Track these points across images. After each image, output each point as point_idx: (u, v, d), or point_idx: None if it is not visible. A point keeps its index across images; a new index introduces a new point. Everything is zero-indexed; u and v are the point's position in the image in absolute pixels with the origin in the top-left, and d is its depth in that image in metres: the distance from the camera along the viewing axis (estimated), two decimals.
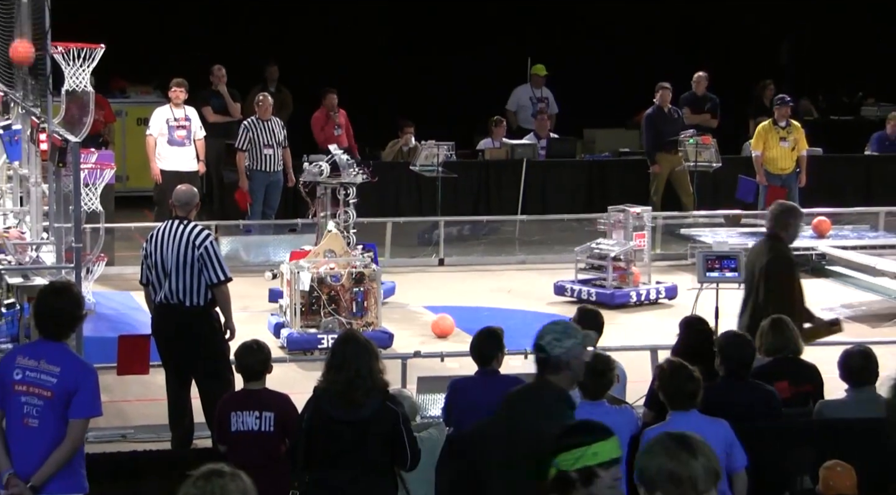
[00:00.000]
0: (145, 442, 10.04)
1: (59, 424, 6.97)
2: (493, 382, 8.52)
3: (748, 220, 17.77)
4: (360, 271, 12.94)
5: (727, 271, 11.59)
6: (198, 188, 16.75)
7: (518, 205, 18.81)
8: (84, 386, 6.99)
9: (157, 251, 9.91)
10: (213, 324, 9.89)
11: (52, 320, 7.11)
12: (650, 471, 4.51)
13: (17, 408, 7.02)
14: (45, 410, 6.96)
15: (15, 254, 11.28)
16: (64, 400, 6.96)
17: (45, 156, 10.91)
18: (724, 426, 7.46)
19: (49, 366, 6.99)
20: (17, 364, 7.06)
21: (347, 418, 6.95)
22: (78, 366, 7.07)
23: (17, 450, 7.03)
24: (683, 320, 9.04)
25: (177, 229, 9.92)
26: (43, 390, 6.97)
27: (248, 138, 16.77)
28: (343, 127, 19.24)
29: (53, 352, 7.05)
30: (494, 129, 19.69)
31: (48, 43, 10.76)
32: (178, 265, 9.79)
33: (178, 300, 9.82)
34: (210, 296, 9.84)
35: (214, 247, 9.93)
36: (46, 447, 6.96)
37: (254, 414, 7.61)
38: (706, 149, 18.40)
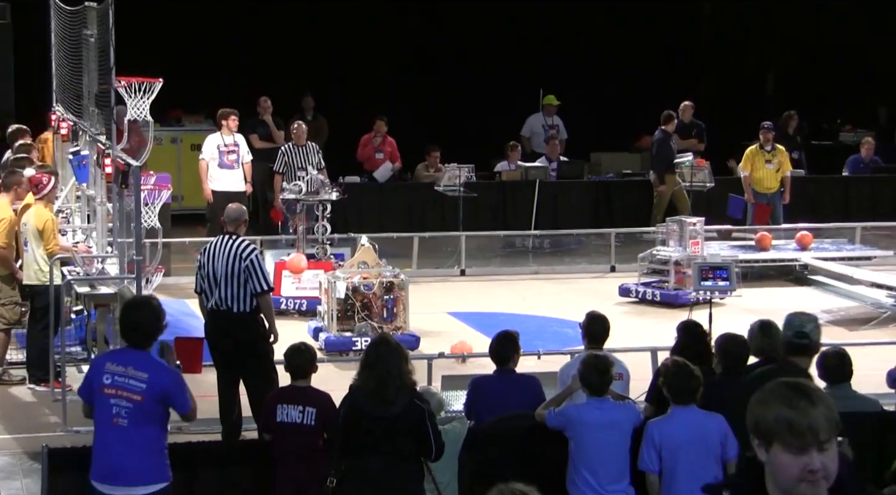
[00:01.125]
0: (198, 433, 10.02)
1: (146, 423, 7.07)
2: (509, 380, 8.54)
3: (738, 234, 17.73)
4: (391, 280, 12.93)
5: (719, 280, 11.57)
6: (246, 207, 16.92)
7: (532, 221, 18.77)
8: (175, 391, 7.13)
9: (209, 263, 9.96)
10: (258, 329, 9.89)
11: (136, 331, 7.19)
12: (767, 422, 3.69)
13: (106, 409, 7.09)
14: (134, 411, 7.04)
15: (83, 266, 11.30)
16: (153, 403, 7.07)
17: (110, 179, 10.91)
18: (719, 419, 7.44)
19: (137, 372, 7.07)
20: (106, 369, 7.13)
21: (379, 413, 6.95)
22: (163, 372, 7.19)
23: (109, 446, 7.11)
24: (681, 324, 9.00)
25: (226, 243, 9.98)
26: (132, 394, 7.05)
27: (284, 162, 16.76)
28: (385, 152, 19.28)
29: (139, 359, 7.14)
30: (510, 153, 19.69)
31: (112, 78, 10.76)
32: (227, 275, 9.82)
33: (226, 307, 9.85)
34: (255, 304, 9.86)
35: (259, 259, 9.96)
36: (133, 442, 7.05)
37: (298, 408, 7.61)
38: (700, 170, 18.38)
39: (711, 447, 7.35)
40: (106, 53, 10.84)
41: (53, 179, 12.04)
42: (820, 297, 15.90)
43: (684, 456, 7.33)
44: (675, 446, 7.35)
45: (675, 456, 7.34)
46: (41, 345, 11.51)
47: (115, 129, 10.91)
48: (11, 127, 14.89)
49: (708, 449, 7.34)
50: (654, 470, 7.39)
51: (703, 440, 7.36)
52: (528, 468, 7.86)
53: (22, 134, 14.17)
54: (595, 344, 8.74)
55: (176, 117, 20.97)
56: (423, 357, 10.98)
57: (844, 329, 14.15)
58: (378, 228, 17.67)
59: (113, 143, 10.83)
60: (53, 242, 11.53)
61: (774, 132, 18.48)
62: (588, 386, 7.59)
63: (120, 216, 10.98)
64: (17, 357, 12.19)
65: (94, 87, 11.69)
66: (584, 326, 8.90)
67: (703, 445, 7.35)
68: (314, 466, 7.34)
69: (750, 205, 17.99)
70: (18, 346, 12.28)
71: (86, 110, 12.08)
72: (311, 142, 16.98)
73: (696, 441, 7.36)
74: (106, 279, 10.95)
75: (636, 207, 19.39)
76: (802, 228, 17.19)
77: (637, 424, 7.57)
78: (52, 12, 14.13)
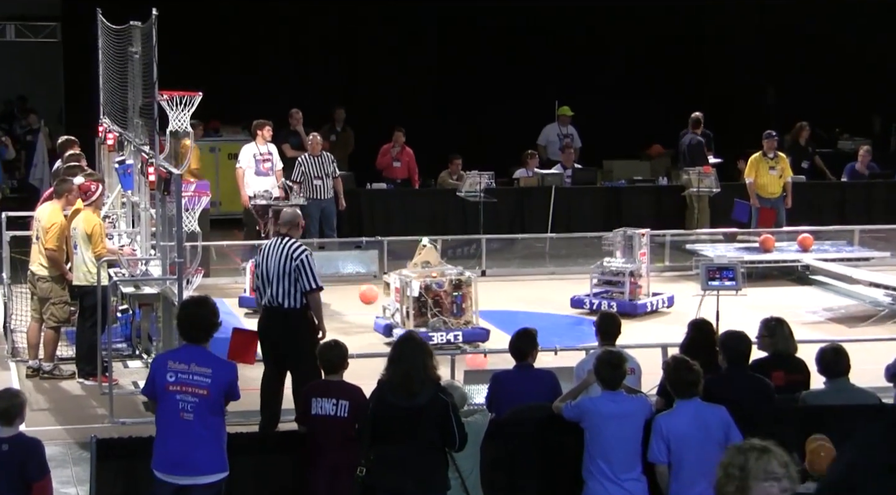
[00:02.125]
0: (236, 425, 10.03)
1: (211, 416, 7.14)
2: (528, 375, 8.53)
3: (743, 237, 17.69)
4: (458, 278, 12.95)
5: (726, 280, 11.53)
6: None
7: (548, 225, 18.75)
8: (236, 381, 7.28)
9: (263, 262, 10.04)
10: (307, 325, 9.94)
11: (195, 327, 7.27)
12: None
13: (172, 405, 7.14)
14: (200, 405, 7.11)
15: (128, 268, 11.34)
16: (218, 395, 7.15)
17: (153, 186, 10.96)
18: (722, 411, 7.44)
19: (200, 368, 7.14)
20: (169, 368, 7.18)
21: (405, 405, 6.96)
22: (226, 367, 7.31)
23: (175, 439, 7.15)
24: (691, 322, 8.99)
25: (280, 244, 10.06)
26: (198, 388, 7.11)
27: (301, 171, 16.76)
28: (402, 161, 19.28)
29: (200, 355, 7.21)
30: (529, 161, 19.67)
31: (156, 91, 10.80)
32: (279, 274, 9.88)
33: (278, 303, 9.90)
34: (305, 302, 9.90)
35: (309, 260, 9.99)
36: (200, 435, 7.11)
37: (331, 401, 7.58)
38: (707, 177, 18.35)
39: (714, 436, 7.34)
40: (149, 69, 10.88)
41: (101, 187, 12.09)
42: (821, 296, 15.84)
43: (689, 447, 7.32)
44: (680, 437, 7.34)
45: (681, 447, 7.34)
46: (90, 341, 11.55)
47: (157, 140, 10.96)
48: (61, 138, 14.94)
49: (711, 438, 7.33)
50: (663, 461, 7.38)
51: (705, 430, 7.35)
52: (546, 457, 7.87)
53: (71, 144, 14.21)
54: (608, 341, 8.75)
55: (214, 128, 21.01)
56: (447, 352, 10.98)
57: (844, 326, 14.10)
58: (403, 232, 17.71)
59: (156, 153, 10.87)
60: (101, 246, 11.57)
61: (777, 139, 18.44)
62: (602, 379, 7.58)
63: (162, 221, 11.02)
64: (67, 353, 12.23)
65: (138, 101, 11.75)
66: (598, 324, 8.92)
67: (706, 435, 7.33)
68: (347, 455, 7.34)
69: (754, 210, 17.96)
70: (68, 343, 12.33)
71: (131, 122, 12.13)
72: (325, 152, 16.96)
73: (700, 431, 7.35)
74: (149, 280, 10.99)
75: (645, 211, 19.38)
76: (804, 231, 17.12)
77: (648, 416, 7.56)
78: (99, 31, 14.18)
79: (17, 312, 12.93)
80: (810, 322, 14.19)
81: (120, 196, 13.23)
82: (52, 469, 7.59)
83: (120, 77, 12.58)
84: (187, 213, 11.64)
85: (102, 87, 14.44)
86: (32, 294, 12.18)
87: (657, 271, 17.30)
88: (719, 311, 11.13)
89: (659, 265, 17.59)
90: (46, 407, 11.12)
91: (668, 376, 7.57)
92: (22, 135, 22.89)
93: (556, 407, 7.81)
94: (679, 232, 18.23)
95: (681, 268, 17.29)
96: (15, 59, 24.81)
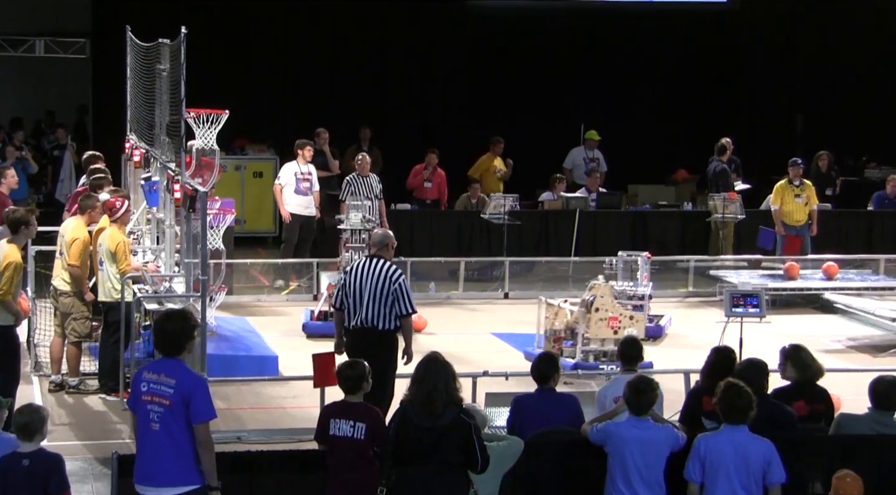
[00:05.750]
0: (257, 443, 10.08)
1: (176, 426, 7.05)
2: (550, 398, 8.52)
3: (767, 264, 17.63)
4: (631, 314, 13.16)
5: (750, 307, 11.49)
6: (315, 231, 17.04)
7: (572, 248, 18.75)
8: (196, 395, 7.08)
9: (355, 282, 10.00)
10: (395, 348, 9.99)
11: (166, 340, 7.23)
12: None
13: (144, 415, 7.14)
14: (165, 415, 7.06)
15: (152, 285, 11.38)
16: (180, 406, 7.05)
17: (178, 203, 10.99)
18: (768, 445, 7.42)
19: (167, 378, 7.10)
20: (143, 378, 7.19)
21: (427, 425, 6.97)
22: (189, 377, 7.17)
23: (146, 450, 7.15)
24: (714, 348, 8.96)
25: (374, 265, 10.04)
26: (163, 399, 7.07)
27: (349, 191, 16.77)
28: (434, 182, 19.33)
29: (170, 366, 7.17)
30: (556, 185, 19.66)
31: (183, 109, 10.86)
32: (374, 295, 9.90)
33: (371, 325, 9.91)
34: (397, 324, 9.93)
35: (406, 283, 10.04)
36: (165, 445, 7.06)
37: (349, 422, 7.54)
38: (732, 203, 18.32)
39: (753, 469, 7.31)
40: (177, 86, 10.94)
41: (126, 203, 12.15)
42: (845, 325, 15.76)
43: (723, 471, 7.31)
44: (717, 461, 7.33)
45: (716, 470, 7.33)
46: (113, 357, 11.60)
47: (184, 158, 11.01)
48: (86, 153, 15.04)
49: (749, 470, 7.30)
50: (696, 480, 7.38)
51: (745, 461, 7.32)
52: (568, 481, 7.87)
53: (95, 160, 14.30)
54: (630, 365, 8.75)
55: (240, 146, 21.11)
56: (468, 374, 10.95)
57: (868, 355, 14.04)
58: (427, 253, 17.75)
59: (182, 170, 10.92)
60: (126, 263, 11.63)
61: (803, 167, 18.41)
62: (628, 404, 7.59)
63: (187, 238, 11.05)
64: (90, 368, 12.28)
65: (165, 118, 11.79)
66: (620, 349, 8.91)
67: (745, 466, 7.30)
68: (364, 476, 7.35)
69: (780, 237, 17.92)
70: (91, 358, 12.38)
71: (157, 139, 12.18)
72: (373, 174, 16.96)
73: (738, 458, 7.32)
74: (173, 297, 11.00)
75: (670, 236, 19.36)
76: (829, 259, 17.06)
77: (674, 446, 7.55)
78: (128, 47, 14.28)
79: (41, 327, 12.99)
80: (833, 350, 14.12)
81: (145, 212, 13.28)
82: (73, 484, 7.62)
83: (147, 94, 12.65)
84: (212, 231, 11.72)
85: (130, 104, 14.52)
86: (55, 309, 12.25)
87: (680, 297, 17.30)
88: (743, 338, 11.09)
89: (682, 291, 17.58)
90: (68, 422, 11.17)
91: (718, 399, 7.52)
92: (50, 150, 23.05)
93: (583, 430, 7.84)
94: (703, 258, 18.21)
95: (704, 294, 17.24)
96: (44, 74, 25.02)
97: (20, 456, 7.19)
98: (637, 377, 7.87)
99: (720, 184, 18.92)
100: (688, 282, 17.67)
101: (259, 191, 20.33)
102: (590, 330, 12.82)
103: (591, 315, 12.79)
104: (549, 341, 12.97)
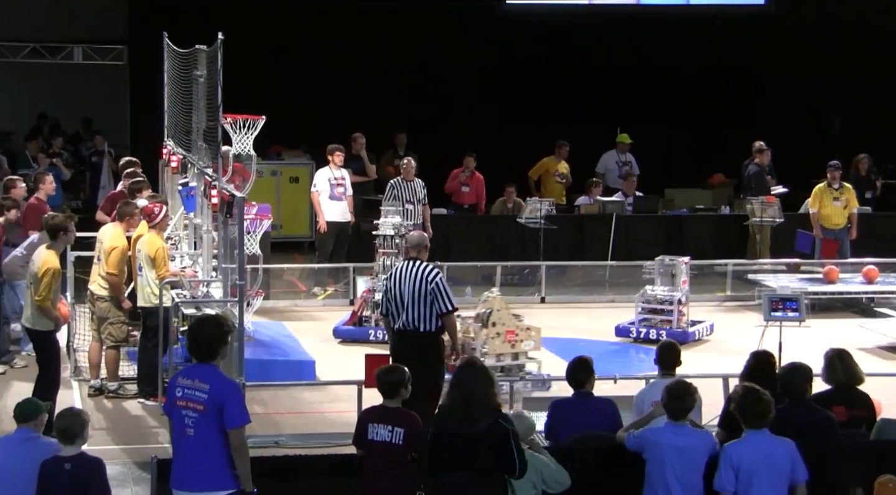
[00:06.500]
0: (294, 448, 10.09)
1: (211, 431, 7.08)
2: (587, 403, 8.51)
3: (806, 268, 17.53)
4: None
5: (789, 311, 11.43)
6: (350, 236, 17.05)
7: (608, 252, 18.70)
8: (230, 401, 7.11)
9: (395, 286, 10.08)
10: (439, 348, 10.03)
11: (199, 346, 7.25)
12: None
13: (180, 420, 7.18)
14: (199, 420, 7.09)
15: (190, 290, 11.44)
16: (214, 412, 7.07)
17: (216, 209, 11.03)
18: (790, 444, 7.39)
19: (201, 384, 7.12)
20: (178, 384, 7.22)
21: (464, 430, 6.97)
22: (223, 383, 7.19)
23: (181, 455, 7.19)
24: (752, 351, 8.92)
25: (411, 268, 10.11)
26: (197, 404, 7.10)
27: (393, 195, 16.74)
28: (472, 186, 19.32)
29: (204, 372, 7.18)
30: (592, 189, 19.64)
31: (220, 114, 10.91)
32: (414, 297, 9.95)
33: (413, 327, 9.96)
34: (440, 324, 9.96)
35: (443, 282, 10.07)
36: (199, 450, 7.09)
37: (387, 427, 7.55)
38: (770, 206, 18.22)
39: (781, 470, 7.30)
40: (214, 92, 10.99)
41: (164, 208, 12.22)
42: (884, 328, 15.59)
43: (758, 478, 7.28)
44: (750, 468, 7.29)
45: (749, 478, 7.30)
46: (151, 361, 11.66)
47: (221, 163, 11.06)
48: (123, 159, 15.15)
49: (778, 472, 7.28)
50: (730, 491, 7.33)
51: (772, 463, 7.30)
52: (605, 486, 7.84)
53: (132, 165, 14.40)
54: (668, 370, 8.71)
55: (276, 152, 21.18)
56: (506, 380, 10.96)
57: None
58: (463, 257, 17.74)
59: (219, 176, 10.97)
60: (164, 268, 11.69)
61: (842, 170, 18.30)
62: (666, 409, 7.56)
63: (224, 243, 11.10)
64: (129, 373, 12.35)
65: (202, 124, 11.86)
66: (658, 354, 8.87)
67: (773, 468, 7.29)
68: (401, 482, 7.36)
69: (818, 241, 17.82)
70: (129, 362, 12.46)
71: (194, 145, 12.24)
72: (418, 179, 16.93)
73: (767, 464, 7.30)
74: (210, 302, 11.04)
75: (707, 240, 19.29)
76: (869, 263, 16.93)
77: (712, 452, 7.51)
78: (165, 54, 14.36)
79: (81, 332, 13.08)
80: (874, 355, 14.01)
81: (183, 218, 13.35)
82: (113, 488, 7.67)
83: (185, 100, 12.72)
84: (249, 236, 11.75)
85: (167, 110, 14.61)
86: (92, 313, 12.33)
87: (718, 301, 17.22)
88: (782, 343, 11.03)
89: (720, 295, 17.51)
90: (107, 426, 11.24)
91: (737, 405, 7.50)
92: (88, 156, 23.25)
93: (619, 436, 7.81)
94: (741, 261, 18.13)
95: (742, 298, 17.16)
96: (82, 81, 25.21)
97: (62, 460, 7.26)
98: (675, 381, 7.84)
99: (754, 186, 18.84)
100: (725, 287, 17.59)
101: (295, 197, 20.39)
102: (486, 345, 12.36)
103: (488, 329, 12.28)
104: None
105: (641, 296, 14.95)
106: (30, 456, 7.36)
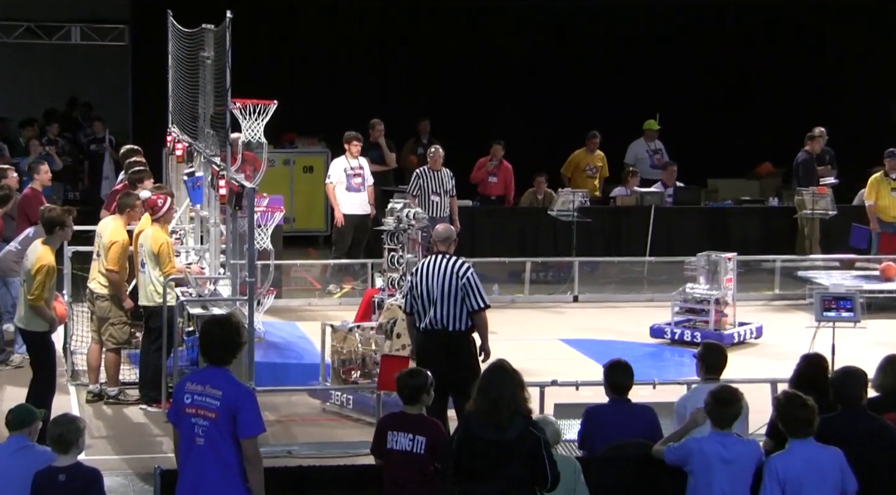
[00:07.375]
0: (308, 457, 10.09)
1: (222, 441, 7.04)
2: (624, 409, 8.47)
3: (861, 264, 17.43)
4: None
5: (843, 311, 11.36)
6: (370, 230, 17.04)
7: (646, 247, 18.65)
8: (244, 408, 7.06)
9: (422, 282, 10.06)
10: (471, 348, 10.01)
11: (214, 349, 7.20)
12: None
13: (188, 429, 7.13)
14: (210, 429, 7.05)
15: (196, 287, 11.43)
16: (227, 420, 7.03)
17: (224, 200, 11.02)
18: (837, 453, 7.38)
19: (213, 390, 7.08)
20: (187, 389, 7.17)
21: (492, 437, 6.96)
22: (236, 388, 7.15)
23: (189, 466, 7.14)
24: (803, 355, 8.87)
25: (440, 262, 10.09)
26: (208, 412, 7.06)
27: (419, 185, 16.73)
28: (499, 177, 19.29)
29: (216, 377, 7.14)
30: (629, 179, 19.60)
31: (228, 99, 10.91)
32: (443, 294, 9.94)
33: (441, 326, 9.95)
34: (470, 323, 9.95)
35: (475, 277, 10.05)
36: (210, 461, 7.04)
37: (408, 436, 7.53)
38: (822, 198, 18.12)
39: (829, 481, 7.27)
40: (222, 75, 10.99)
41: (169, 200, 12.20)
42: None
43: (805, 491, 7.23)
44: (796, 480, 7.27)
45: (796, 490, 7.26)
46: (154, 365, 11.67)
47: (230, 152, 11.06)
48: (124, 147, 15.16)
49: (826, 482, 7.26)
50: None
51: (820, 474, 7.29)
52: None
53: (134, 153, 14.41)
54: (712, 374, 8.63)
55: (289, 140, 21.20)
56: (535, 384, 10.91)
57: None
58: (490, 253, 17.71)
59: (228, 165, 10.97)
60: (169, 265, 11.69)
61: None
62: (710, 416, 7.51)
63: (233, 237, 11.10)
64: (130, 377, 12.37)
65: (209, 109, 11.85)
66: (700, 356, 8.79)
67: (821, 479, 7.28)
68: (424, 493, 7.33)
69: (875, 235, 17.72)
70: (131, 366, 12.47)
71: (201, 132, 12.24)
72: (445, 168, 16.92)
73: (815, 474, 7.28)
74: (218, 300, 11.04)
75: (753, 234, 19.20)
76: None
77: (759, 463, 7.46)
78: (169, 34, 14.38)
79: (78, 333, 13.10)
80: None
81: (188, 210, 13.36)
82: None
83: (191, 83, 12.72)
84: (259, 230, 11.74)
85: (172, 94, 14.62)
86: (91, 313, 12.35)
87: (765, 300, 17.15)
88: (835, 345, 10.97)
89: (768, 293, 17.44)
90: (106, 434, 11.25)
91: (779, 413, 7.48)
92: (86, 144, 23.24)
93: (656, 450, 7.73)
94: (790, 257, 18.04)
95: (792, 296, 17.10)
96: (80, 63, 25.29)
97: (56, 471, 7.25)
98: (720, 386, 7.78)
99: (801, 175, 18.75)
100: (774, 285, 17.52)
101: (309, 188, 20.39)
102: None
103: (392, 341, 11.69)
104: (338, 373, 11.84)
105: (679, 294, 14.90)
106: (23, 465, 7.34)
